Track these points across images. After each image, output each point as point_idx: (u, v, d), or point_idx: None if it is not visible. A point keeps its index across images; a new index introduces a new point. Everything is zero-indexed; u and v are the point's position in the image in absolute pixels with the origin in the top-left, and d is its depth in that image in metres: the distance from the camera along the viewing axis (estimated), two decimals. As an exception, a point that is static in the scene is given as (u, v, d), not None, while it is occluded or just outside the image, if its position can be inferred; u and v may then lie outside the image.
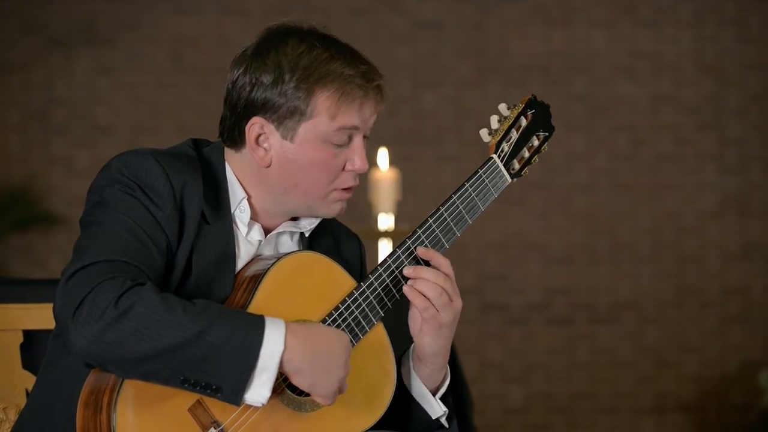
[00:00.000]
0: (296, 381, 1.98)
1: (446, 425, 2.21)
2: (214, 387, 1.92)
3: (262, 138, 2.08)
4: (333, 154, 2.09)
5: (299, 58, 2.06)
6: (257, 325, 1.93)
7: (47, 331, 2.15)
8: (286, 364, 1.95)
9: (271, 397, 1.96)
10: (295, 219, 2.18)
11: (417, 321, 2.14)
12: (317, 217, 2.17)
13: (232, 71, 2.11)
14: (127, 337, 1.88)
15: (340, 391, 2.00)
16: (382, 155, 5.13)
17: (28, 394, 2.36)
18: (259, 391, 1.93)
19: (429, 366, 2.17)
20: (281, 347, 1.93)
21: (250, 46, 2.11)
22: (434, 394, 2.20)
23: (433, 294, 2.11)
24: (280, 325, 1.94)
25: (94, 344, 1.88)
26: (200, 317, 1.91)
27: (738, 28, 6.54)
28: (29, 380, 2.42)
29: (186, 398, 1.96)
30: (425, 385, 2.19)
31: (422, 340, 2.14)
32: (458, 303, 2.13)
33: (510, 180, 2.24)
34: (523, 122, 2.27)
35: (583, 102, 6.51)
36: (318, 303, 2.09)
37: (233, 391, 1.92)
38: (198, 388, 1.92)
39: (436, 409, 2.19)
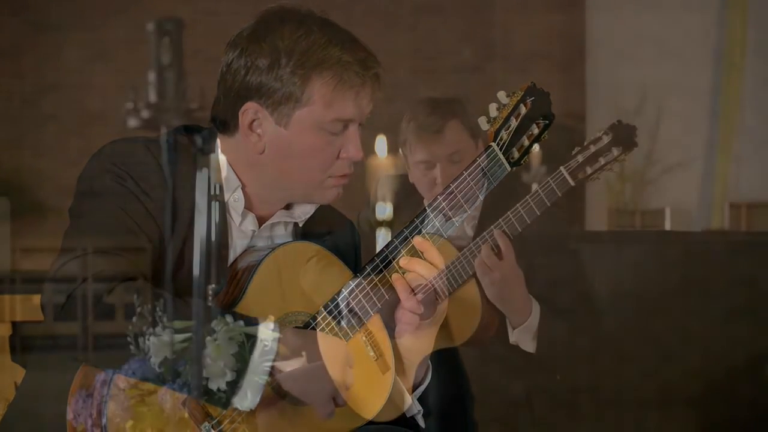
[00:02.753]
0: (287, 388, 1.96)
1: (422, 424, 2.17)
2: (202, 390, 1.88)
3: (255, 123, 2.06)
4: (327, 142, 2.07)
5: (296, 43, 2.03)
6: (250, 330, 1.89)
7: (37, 323, 2.13)
8: (277, 371, 1.91)
9: (268, 392, 1.93)
10: (288, 207, 2.14)
11: (399, 311, 2.11)
12: (313, 203, 2.13)
13: (226, 54, 2.08)
14: (116, 335, 1.84)
15: (336, 402, 1.97)
16: (380, 143, 5.09)
17: (16, 387, 2.34)
18: (247, 396, 1.89)
19: (405, 360, 2.13)
20: (273, 354, 1.89)
21: (246, 28, 2.09)
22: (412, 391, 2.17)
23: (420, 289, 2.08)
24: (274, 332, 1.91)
25: (82, 338, 1.85)
26: (194, 319, 1.87)
27: (744, 12, 6.50)
28: (18, 372, 2.40)
29: (179, 391, 1.93)
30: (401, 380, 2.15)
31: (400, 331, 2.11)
32: (444, 304, 2.10)
33: (509, 168, 2.22)
34: (523, 110, 2.24)
35: (584, 88, 6.49)
36: (313, 294, 2.06)
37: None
38: (186, 389, 1.88)
39: (410, 406, 2.15)
